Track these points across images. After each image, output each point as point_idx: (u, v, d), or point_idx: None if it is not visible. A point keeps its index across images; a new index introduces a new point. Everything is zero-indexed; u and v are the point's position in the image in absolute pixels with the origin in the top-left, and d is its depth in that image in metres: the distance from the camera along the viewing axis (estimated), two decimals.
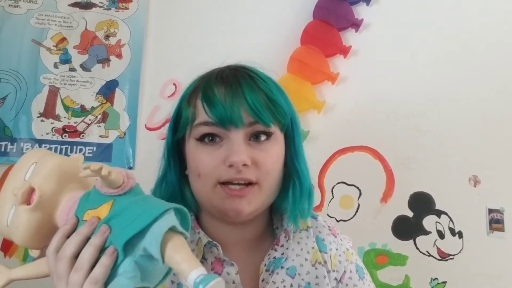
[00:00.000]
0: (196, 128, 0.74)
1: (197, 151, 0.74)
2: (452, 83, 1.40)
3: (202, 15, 1.46)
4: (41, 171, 0.60)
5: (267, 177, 0.73)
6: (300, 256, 0.81)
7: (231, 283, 0.75)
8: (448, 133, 1.38)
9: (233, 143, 0.71)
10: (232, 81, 0.75)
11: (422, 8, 1.44)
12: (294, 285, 0.78)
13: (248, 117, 0.72)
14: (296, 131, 0.81)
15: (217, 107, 0.72)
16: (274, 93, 0.77)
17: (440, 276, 1.31)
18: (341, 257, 0.83)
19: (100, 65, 1.41)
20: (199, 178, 0.74)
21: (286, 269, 0.78)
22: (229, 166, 0.71)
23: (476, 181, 1.36)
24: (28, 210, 0.57)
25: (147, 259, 0.54)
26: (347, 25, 1.42)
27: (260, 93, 0.74)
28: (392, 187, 1.35)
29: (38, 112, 1.36)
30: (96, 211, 0.57)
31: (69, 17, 1.43)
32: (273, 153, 0.75)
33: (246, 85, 0.74)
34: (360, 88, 1.41)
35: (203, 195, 0.75)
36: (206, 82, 0.77)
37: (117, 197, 0.58)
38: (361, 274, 0.84)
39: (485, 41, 1.41)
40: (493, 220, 1.33)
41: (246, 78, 0.76)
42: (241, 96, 0.72)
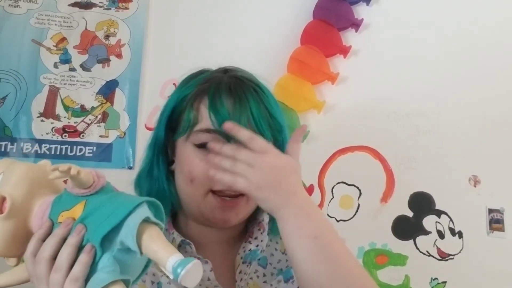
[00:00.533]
0: (197, 134, 0.75)
1: (194, 156, 0.75)
2: (452, 83, 1.40)
3: (202, 15, 1.46)
4: (10, 179, 0.60)
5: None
6: (270, 246, 0.83)
7: (206, 280, 0.76)
8: (448, 133, 1.38)
9: None
10: (240, 94, 0.76)
11: (422, 8, 1.44)
12: (267, 274, 0.80)
13: (248, 127, 0.73)
14: (285, 143, 0.81)
15: (224, 118, 0.73)
16: (274, 108, 0.79)
17: (440, 276, 1.31)
18: None
19: (100, 65, 1.41)
20: (192, 183, 0.75)
21: (257, 260, 0.80)
22: None
23: (476, 181, 1.36)
24: (1, 219, 0.58)
25: (125, 252, 0.55)
26: (347, 25, 1.42)
27: (263, 108, 0.76)
28: (392, 187, 1.35)
29: (38, 112, 1.36)
30: (70, 212, 0.58)
31: (69, 17, 1.43)
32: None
33: (252, 99, 0.76)
34: (360, 88, 1.41)
35: (192, 200, 0.77)
36: (213, 91, 0.76)
37: (89, 197, 0.58)
38: None
39: (486, 41, 1.41)
40: (493, 220, 1.33)
41: (252, 92, 0.77)
42: (248, 110, 0.74)
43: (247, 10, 1.46)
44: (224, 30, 1.44)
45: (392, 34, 1.43)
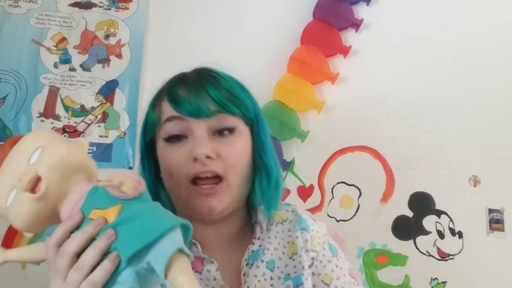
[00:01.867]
0: (163, 126, 0.78)
1: (166, 150, 0.77)
2: (452, 83, 1.40)
3: (202, 15, 1.46)
4: (48, 159, 0.58)
5: (233, 170, 0.76)
6: (278, 250, 0.83)
7: (212, 280, 0.76)
8: (448, 133, 1.38)
9: (196, 137, 0.75)
10: (194, 81, 0.79)
11: (422, 8, 1.44)
12: (274, 277, 0.79)
13: (212, 108, 0.75)
14: (262, 126, 0.83)
15: (181, 102, 0.76)
16: (235, 89, 0.80)
17: (440, 276, 1.31)
18: (320, 239, 0.85)
19: (100, 65, 1.41)
20: (172, 178, 0.76)
21: (266, 263, 0.80)
22: (194, 160, 0.73)
23: (476, 181, 1.36)
24: (33, 200, 0.56)
25: (148, 271, 0.54)
26: (347, 25, 1.42)
27: (222, 89, 0.78)
28: (392, 187, 1.35)
29: (38, 112, 1.36)
30: (104, 212, 0.57)
31: (69, 17, 1.43)
32: (237, 146, 0.78)
33: (208, 83, 0.78)
34: (360, 88, 1.41)
35: (177, 194, 0.78)
36: (169, 85, 0.81)
37: (126, 201, 0.57)
38: (334, 252, 0.85)
39: (486, 40, 1.41)
40: (493, 220, 1.33)
41: (208, 77, 0.80)
42: (204, 92, 0.76)
43: (247, 10, 1.46)
44: (224, 30, 1.44)
45: (392, 34, 1.43)
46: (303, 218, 0.86)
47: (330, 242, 0.87)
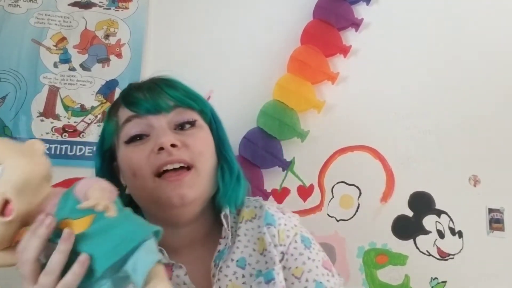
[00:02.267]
0: (122, 130, 0.77)
1: (127, 151, 0.76)
2: (453, 83, 1.40)
3: (202, 14, 1.46)
4: (13, 179, 0.56)
5: (201, 157, 0.76)
6: (248, 247, 0.82)
7: (182, 284, 0.76)
8: (448, 133, 1.38)
9: (158, 129, 0.75)
10: (149, 85, 0.80)
11: (422, 7, 1.44)
12: (246, 275, 0.79)
13: (170, 103, 0.77)
14: (219, 124, 0.86)
15: (139, 102, 0.77)
16: (190, 89, 0.82)
17: (440, 276, 1.31)
18: (289, 232, 0.84)
19: (100, 64, 1.41)
20: (136, 177, 0.75)
21: (236, 261, 0.80)
22: (159, 151, 0.73)
23: (476, 180, 1.36)
24: (4, 223, 0.56)
25: (124, 279, 0.56)
26: (347, 25, 1.42)
27: (178, 88, 0.80)
28: (392, 187, 1.35)
29: (38, 111, 1.36)
30: (76, 222, 0.56)
31: (69, 17, 1.43)
32: (201, 137, 0.79)
33: (163, 84, 0.80)
34: (360, 88, 1.41)
35: (144, 194, 0.76)
36: (124, 93, 0.82)
37: (98, 212, 0.56)
38: (307, 243, 0.84)
39: (487, 40, 1.41)
40: (493, 220, 1.33)
41: (163, 80, 0.82)
42: (160, 90, 0.78)
43: (247, 10, 1.46)
44: (224, 30, 1.44)
45: (392, 33, 1.43)
46: (269, 212, 0.84)
47: (302, 233, 0.85)
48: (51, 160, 0.64)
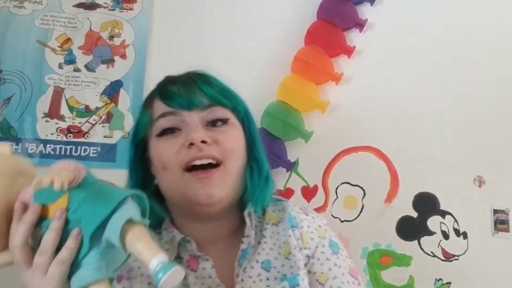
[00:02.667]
0: (155, 124, 0.78)
1: (159, 145, 0.77)
2: (457, 83, 1.39)
3: (206, 15, 1.46)
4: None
5: (232, 155, 0.76)
6: (274, 250, 0.81)
7: (207, 277, 0.76)
8: (452, 134, 1.37)
9: (190, 125, 0.75)
10: (185, 79, 0.81)
11: (426, 8, 1.44)
12: (270, 278, 0.78)
13: (204, 100, 0.77)
14: (251, 122, 0.85)
15: (174, 97, 0.77)
16: (225, 86, 0.83)
17: (444, 277, 1.31)
18: (313, 234, 0.83)
19: (105, 65, 1.42)
20: (165, 170, 0.76)
21: (261, 263, 0.79)
22: (189, 146, 0.73)
23: (481, 181, 1.35)
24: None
25: (110, 249, 0.57)
26: (351, 25, 1.42)
27: (213, 85, 0.80)
28: (397, 188, 1.35)
29: (43, 112, 1.37)
30: (55, 204, 0.59)
31: (74, 18, 1.43)
32: (232, 134, 0.79)
33: (198, 80, 0.80)
34: (364, 88, 1.40)
35: (173, 187, 0.77)
36: (160, 86, 0.83)
37: (71, 190, 0.59)
38: (335, 249, 0.83)
39: (491, 41, 1.40)
40: (498, 221, 1.33)
41: (198, 76, 0.82)
42: (195, 86, 0.78)
43: (251, 10, 1.46)
44: (228, 31, 1.45)
45: (396, 34, 1.43)
46: (292, 214, 0.84)
47: (331, 238, 0.84)
48: (56, 160, 0.65)
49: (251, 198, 0.81)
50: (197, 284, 0.75)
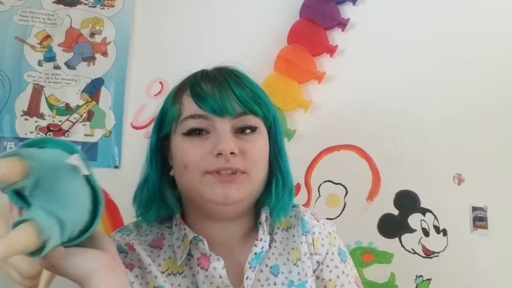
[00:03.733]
0: (183, 122, 0.77)
1: (184, 143, 0.76)
2: (437, 82, 1.41)
3: (189, 13, 1.45)
4: None
5: (255, 167, 0.76)
6: (283, 256, 0.82)
7: (217, 277, 0.76)
8: (433, 132, 1.39)
9: (220, 132, 0.74)
10: (219, 78, 0.78)
11: (408, 7, 1.45)
12: (277, 283, 0.78)
13: (237, 108, 0.75)
14: (278, 128, 0.84)
15: (207, 99, 0.75)
16: (257, 89, 0.80)
17: (425, 274, 1.33)
18: (323, 240, 0.84)
19: (85, 63, 1.40)
20: (186, 170, 0.75)
21: (270, 267, 0.80)
22: (217, 156, 0.73)
23: (460, 179, 1.37)
24: None
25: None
26: (334, 25, 1.43)
27: (246, 88, 0.78)
28: (378, 186, 1.36)
29: (22, 110, 1.34)
30: None
31: (54, 14, 1.41)
32: (259, 144, 0.78)
33: (232, 81, 0.77)
34: (346, 87, 1.41)
35: (190, 186, 0.76)
36: (192, 80, 0.79)
37: None
38: (343, 257, 0.85)
39: (473, 40, 1.43)
40: (477, 218, 1.35)
41: (231, 75, 0.79)
42: (229, 90, 0.76)
43: (234, 9, 1.46)
44: (210, 29, 1.44)
45: (378, 33, 1.44)
46: (305, 220, 0.85)
47: (340, 247, 0.86)
48: None
49: (275, 208, 0.81)
50: (206, 283, 0.75)
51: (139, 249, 0.78)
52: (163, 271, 0.77)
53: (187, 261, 0.78)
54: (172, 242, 0.80)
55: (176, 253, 0.78)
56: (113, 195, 1.28)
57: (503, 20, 1.45)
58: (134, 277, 0.75)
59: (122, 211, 1.28)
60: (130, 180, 0.86)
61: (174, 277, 0.77)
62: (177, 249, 0.78)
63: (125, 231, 0.83)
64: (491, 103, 1.41)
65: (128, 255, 0.78)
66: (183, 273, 0.78)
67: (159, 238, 0.82)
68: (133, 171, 0.86)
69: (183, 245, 0.77)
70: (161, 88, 1.38)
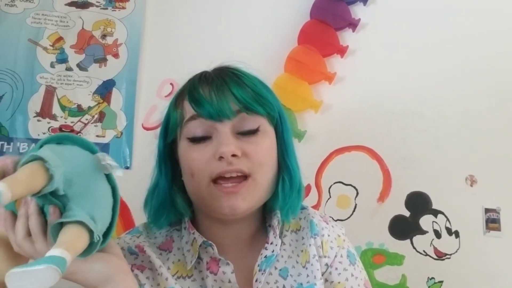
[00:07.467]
0: (186, 125, 0.76)
1: (189, 150, 0.76)
2: (449, 82, 1.40)
3: (199, 14, 1.45)
4: None
5: (261, 169, 0.74)
6: (292, 258, 0.81)
7: (227, 282, 0.76)
8: (444, 133, 1.38)
9: (221, 135, 0.73)
10: (216, 80, 0.77)
11: (419, 8, 1.44)
12: (286, 285, 0.78)
13: (235, 107, 0.74)
14: (285, 126, 0.82)
15: (204, 104, 0.74)
16: (259, 87, 0.79)
17: (436, 276, 1.32)
18: (332, 243, 0.84)
19: (97, 64, 1.41)
20: (193, 178, 0.75)
21: (279, 270, 0.79)
22: (220, 159, 0.72)
23: (473, 180, 1.36)
24: None
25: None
26: (344, 25, 1.42)
27: (246, 87, 0.76)
28: (389, 187, 1.36)
29: (35, 111, 1.36)
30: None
31: (66, 17, 1.42)
32: (263, 145, 0.76)
33: (231, 81, 0.76)
34: (357, 88, 1.41)
35: (197, 194, 0.76)
36: (191, 85, 0.79)
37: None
38: (352, 260, 0.84)
39: (484, 40, 1.41)
40: (490, 220, 1.34)
41: (231, 75, 0.78)
42: (227, 90, 0.75)
43: (244, 9, 1.46)
44: (221, 30, 1.44)
45: (389, 34, 1.43)
46: (314, 222, 0.84)
47: (349, 249, 0.86)
48: None
49: (282, 210, 0.80)
50: (215, 287, 0.75)
51: (149, 251, 0.78)
52: (172, 274, 0.77)
53: (196, 264, 0.78)
54: (181, 245, 0.81)
55: (186, 256, 0.78)
56: (124, 196, 1.28)
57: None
58: (145, 279, 0.75)
59: (133, 212, 1.29)
60: (141, 181, 0.87)
61: (183, 280, 0.77)
62: (187, 253, 0.78)
63: (135, 233, 0.84)
64: (504, 103, 1.39)
65: (138, 257, 0.78)
66: (192, 276, 0.78)
67: (168, 241, 0.82)
68: (144, 172, 0.87)
69: (192, 250, 0.78)
70: (171, 89, 1.38)
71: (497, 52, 1.41)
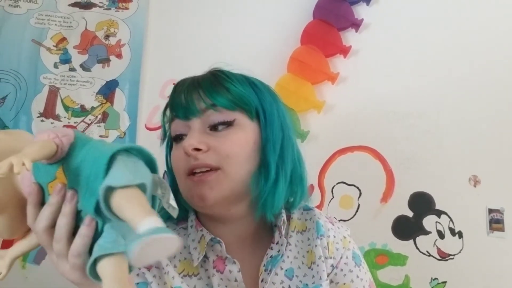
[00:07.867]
0: (170, 128, 0.81)
1: (173, 149, 0.80)
2: (452, 83, 1.40)
3: (202, 15, 1.46)
4: None
5: (229, 161, 0.74)
6: (297, 259, 0.81)
7: (233, 281, 0.76)
8: (448, 133, 1.38)
9: (189, 132, 0.76)
10: (191, 83, 0.79)
11: (422, 8, 1.44)
12: (292, 286, 0.78)
13: (201, 105, 0.75)
14: (268, 120, 0.80)
15: (176, 107, 0.78)
16: (236, 85, 0.78)
17: (440, 276, 1.31)
18: (338, 244, 0.84)
19: (100, 65, 1.41)
20: (177, 174, 0.78)
21: (285, 271, 0.79)
22: (187, 155, 0.74)
23: (476, 181, 1.36)
24: None
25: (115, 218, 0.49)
26: (347, 25, 1.42)
27: (218, 84, 0.77)
28: (392, 187, 1.35)
29: (38, 112, 1.36)
30: (56, 182, 0.54)
31: (69, 17, 1.43)
32: (233, 138, 0.75)
33: (203, 82, 0.78)
34: (360, 88, 1.41)
35: (181, 190, 0.78)
36: (172, 90, 0.82)
37: (63, 161, 0.53)
38: (358, 261, 0.84)
39: (486, 40, 1.41)
40: (493, 220, 1.33)
41: (208, 76, 0.80)
42: (195, 90, 0.77)
43: (247, 10, 1.46)
44: (224, 30, 1.45)
45: (392, 34, 1.43)
46: (320, 223, 0.84)
47: (354, 250, 0.86)
48: None
49: (258, 204, 0.78)
50: (221, 286, 0.76)
51: None
52: (179, 273, 0.77)
53: (202, 262, 0.78)
54: (187, 244, 0.81)
55: (192, 254, 0.79)
56: None
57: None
58: (152, 277, 0.75)
59: None
60: None
61: (189, 278, 0.77)
62: (193, 251, 0.78)
63: None
64: (507, 103, 1.38)
65: None
66: (198, 274, 0.78)
67: None
68: None
69: (199, 247, 0.78)
70: None
71: (501, 53, 1.40)
